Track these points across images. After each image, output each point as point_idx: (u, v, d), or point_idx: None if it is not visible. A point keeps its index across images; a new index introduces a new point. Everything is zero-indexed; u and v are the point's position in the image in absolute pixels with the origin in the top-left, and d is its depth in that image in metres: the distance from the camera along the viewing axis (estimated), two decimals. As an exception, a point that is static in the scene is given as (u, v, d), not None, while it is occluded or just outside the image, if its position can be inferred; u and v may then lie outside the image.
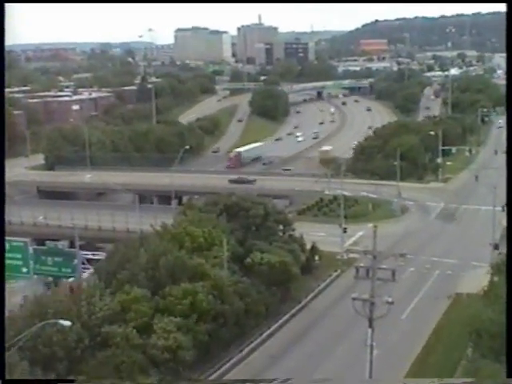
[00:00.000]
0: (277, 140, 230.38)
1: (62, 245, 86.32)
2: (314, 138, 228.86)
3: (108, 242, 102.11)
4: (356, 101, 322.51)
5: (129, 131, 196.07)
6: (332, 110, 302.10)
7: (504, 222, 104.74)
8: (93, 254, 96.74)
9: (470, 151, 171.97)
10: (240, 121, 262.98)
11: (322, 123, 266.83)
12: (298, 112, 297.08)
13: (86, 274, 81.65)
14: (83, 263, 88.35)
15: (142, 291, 63.61)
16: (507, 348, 34.54)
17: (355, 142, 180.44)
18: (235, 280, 70.38)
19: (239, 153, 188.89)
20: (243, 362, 65.32)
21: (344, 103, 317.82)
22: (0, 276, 48.95)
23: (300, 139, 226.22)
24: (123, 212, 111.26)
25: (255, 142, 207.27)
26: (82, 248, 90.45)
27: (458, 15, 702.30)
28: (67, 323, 53.40)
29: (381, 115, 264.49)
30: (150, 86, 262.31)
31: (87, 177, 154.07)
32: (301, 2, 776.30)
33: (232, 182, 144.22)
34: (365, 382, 31.77)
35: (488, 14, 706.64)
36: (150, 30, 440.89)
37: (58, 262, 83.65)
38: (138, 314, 61.63)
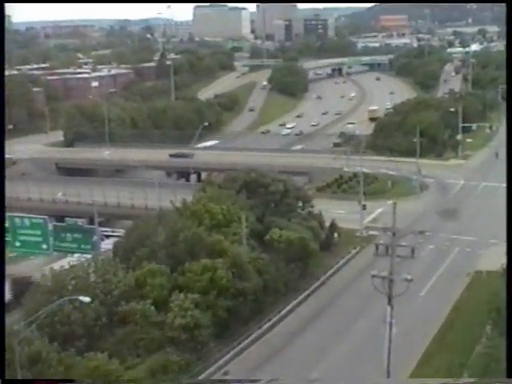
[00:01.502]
0: (298, 116, 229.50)
1: (82, 222, 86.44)
2: (337, 114, 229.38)
3: (127, 218, 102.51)
4: (378, 78, 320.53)
5: (147, 108, 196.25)
6: (352, 88, 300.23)
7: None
8: (112, 231, 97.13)
9: (490, 128, 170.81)
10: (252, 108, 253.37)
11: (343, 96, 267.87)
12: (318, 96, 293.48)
13: (106, 248, 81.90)
14: (102, 240, 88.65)
15: (158, 266, 63.73)
16: (507, 348, 34.38)
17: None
18: (254, 256, 70.36)
19: None
20: (262, 338, 65.41)
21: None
22: (0, 276, 49.36)
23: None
24: (142, 188, 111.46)
25: (275, 118, 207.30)
26: (101, 225, 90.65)
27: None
28: (87, 299, 53.66)
29: (401, 91, 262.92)
30: (168, 62, 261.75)
31: (106, 153, 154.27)
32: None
33: (172, 156, 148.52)
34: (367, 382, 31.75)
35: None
36: (168, 6, 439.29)
37: (78, 239, 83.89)
38: (153, 288, 61.66)
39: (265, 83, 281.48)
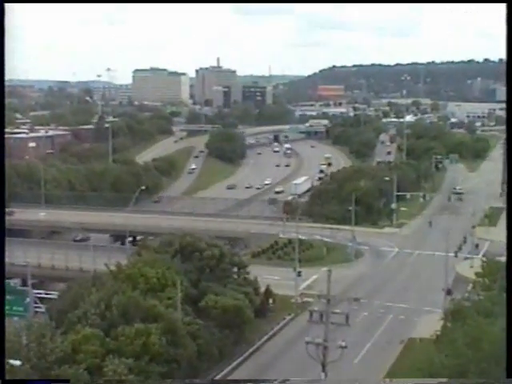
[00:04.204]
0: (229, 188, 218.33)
1: (15, 283, 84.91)
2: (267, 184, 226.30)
3: (61, 280, 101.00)
4: (312, 146, 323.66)
5: (85, 170, 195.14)
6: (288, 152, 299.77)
7: (457, 268, 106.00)
8: (46, 293, 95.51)
9: (424, 197, 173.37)
10: (191, 171, 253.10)
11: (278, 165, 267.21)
12: (258, 153, 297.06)
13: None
14: (35, 302, 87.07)
15: (92, 331, 62.73)
16: (507, 348, 34.48)
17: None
18: (188, 321, 69.77)
19: None
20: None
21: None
22: (0, 277, 48.26)
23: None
24: (77, 251, 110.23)
25: (212, 183, 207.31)
26: (34, 287, 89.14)
27: (413, 63, 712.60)
28: (17, 362, 52.41)
29: (336, 160, 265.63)
30: (107, 125, 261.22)
31: (41, 215, 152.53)
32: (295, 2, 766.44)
33: None
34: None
35: (442, 63, 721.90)
36: (108, 69, 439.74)
37: (10, 301, 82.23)
38: (88, 354, 60.65)
39: (202, 149, 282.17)
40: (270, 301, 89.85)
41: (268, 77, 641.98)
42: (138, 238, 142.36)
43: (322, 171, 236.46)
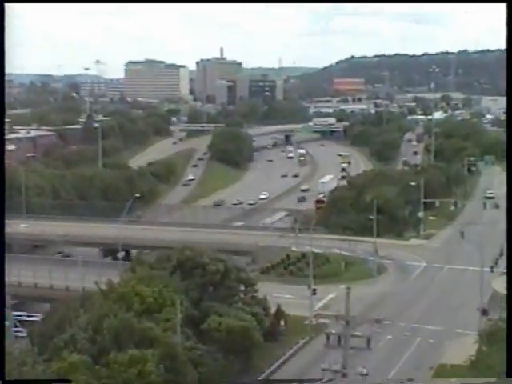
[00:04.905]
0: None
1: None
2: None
3: (45, 301, 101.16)
4: (322, 145, 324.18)
5: (71, 176, 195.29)
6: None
7: (494, 285, 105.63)
8: (27, 315, 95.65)
9: (455, 204, 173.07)
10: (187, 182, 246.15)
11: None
12: (269, 160, 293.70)
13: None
14: (15, 325, 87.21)
15: (81, 357, 62.76)
16: (507, 348, 34.75)
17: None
18: (189, 346, 69.78)
19: None
20: None
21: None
22: (0, 276, 48.30)
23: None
24: (63, 267, 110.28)
25: (215, 189, 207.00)
26: (14, 308, 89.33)
27: (442, 53, 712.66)
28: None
29: (356, 164, 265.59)
30: (96, 125, 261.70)
31: (22, 226, 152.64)
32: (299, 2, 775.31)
33: None
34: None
35: (476, 52, 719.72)
36: (97, 61, 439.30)
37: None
38: (76, 385, 60.69)
39: (204, 151, 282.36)
40: (282, 322, 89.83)
41: (278, 69, 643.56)
42: (132, 252, 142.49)
43: (343, 169, 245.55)
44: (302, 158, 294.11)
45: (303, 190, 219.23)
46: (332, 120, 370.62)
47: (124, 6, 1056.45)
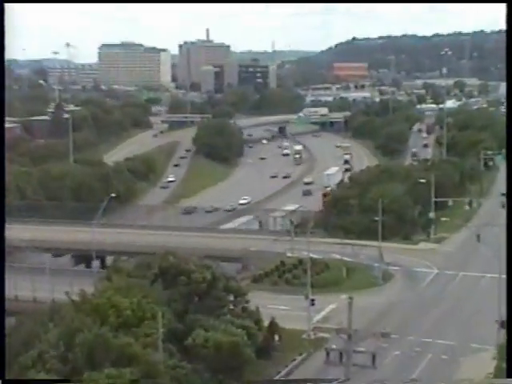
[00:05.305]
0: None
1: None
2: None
3: (10, 314, 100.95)
4: (317, 136, 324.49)
5: (39, 173, 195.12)
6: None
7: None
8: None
9: (470, 204, 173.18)
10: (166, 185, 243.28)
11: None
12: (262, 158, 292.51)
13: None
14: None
15: (50, 378, 62.71)
16: (507, 348, 35.19)
17: None
18: (172, 364, 69.76)
19: None
20: None
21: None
22: (0, 275, 48.54)
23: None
24: (30, 276, 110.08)
25: (201, 188, 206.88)
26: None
27: (455, 34, 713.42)
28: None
29: (358, 158, 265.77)
30: (66, 115, 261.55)
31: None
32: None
33: None
34: None
35: (493, 32, 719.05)
36: (67, 45, 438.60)
37: None
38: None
39: (187, 148, 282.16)
40: (276, 337, 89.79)
41: (271, 53, 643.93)
42: (108, 258, 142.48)
43: (346, 161, 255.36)
44: (297, 156, 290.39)
45: (307, 183, 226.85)
46: (324, 110, 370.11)
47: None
